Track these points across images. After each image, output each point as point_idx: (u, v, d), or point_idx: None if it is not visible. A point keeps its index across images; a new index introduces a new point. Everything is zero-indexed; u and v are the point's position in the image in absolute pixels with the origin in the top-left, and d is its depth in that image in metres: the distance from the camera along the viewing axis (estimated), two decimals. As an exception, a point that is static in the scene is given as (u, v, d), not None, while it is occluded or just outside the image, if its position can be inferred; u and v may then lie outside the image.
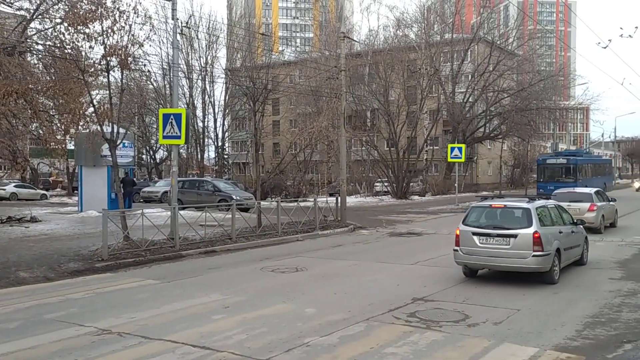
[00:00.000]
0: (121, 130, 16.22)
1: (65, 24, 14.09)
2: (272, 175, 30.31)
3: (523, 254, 10.02)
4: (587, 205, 18.18)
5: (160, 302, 8.97)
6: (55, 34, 14.84)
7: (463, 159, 32.58)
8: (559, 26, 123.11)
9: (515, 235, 10.15)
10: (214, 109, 48.76)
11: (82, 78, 14.42)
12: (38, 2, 15.64)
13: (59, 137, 17.10)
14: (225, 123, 51.41)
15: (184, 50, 42.44)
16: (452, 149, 31.38)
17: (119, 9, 13.98)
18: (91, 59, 14.73)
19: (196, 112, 47.05)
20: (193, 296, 9.45)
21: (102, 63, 14.60)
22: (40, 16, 15.85)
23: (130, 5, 14.14)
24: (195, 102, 47.28)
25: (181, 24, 17.43)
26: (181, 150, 41.31)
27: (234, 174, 56.67)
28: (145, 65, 19.99)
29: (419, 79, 41.04)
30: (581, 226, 12.51)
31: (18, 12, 17.56)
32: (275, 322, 7.65)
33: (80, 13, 13.73)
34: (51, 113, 16.70)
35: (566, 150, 49.09)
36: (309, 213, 19.89)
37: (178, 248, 14.44)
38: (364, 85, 43.09)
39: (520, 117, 43.05)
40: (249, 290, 9.90)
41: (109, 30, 14.02)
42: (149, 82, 42.61)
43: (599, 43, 65.21)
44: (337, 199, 22.42)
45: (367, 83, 43.09)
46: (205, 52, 46.14)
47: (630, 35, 27.80)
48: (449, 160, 33.60)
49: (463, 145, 33.15)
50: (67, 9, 14.51)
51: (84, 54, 14.63)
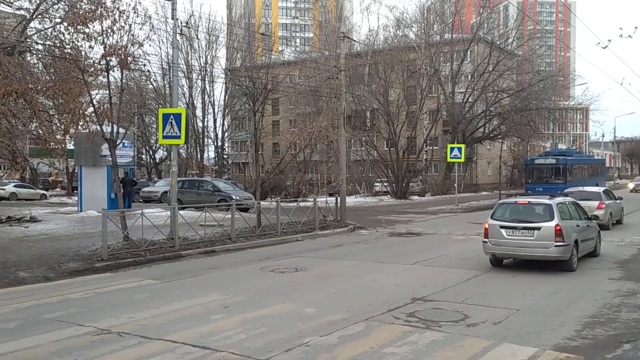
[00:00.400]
0: (121, 130, 16.23)
1: (65, 24, 14.11)
2: (272, 175, 30.31)
3: (546, 245, 11.14)
4: (596, 203, 19.03)
5: (159, 302, 8.97)
6: (55, 33, 14.85)
7: (462, 159, 32.59)
8: (558, 26, 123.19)
9: (539, 228, 11.27)
10: (213, 109, 48.86)
11: (82, 78, 14.42)
12: (38, 2, 15.64)
13: (58, 137, 17.10)
14: (225, 123, 51.44)
15: (183, 50, 42.47)
16: (452, 149, 31.38)
17: (118, 9, 14.00)
18: (91, 59, 14.76)
19: (196, 112, 47.09)
20: (193, 296, 9.46)
21: (102, 63, 14.61)
22: (40, 16, 15.86)
23: (130, 5, 14.18)
24: (195, 102, 47.31)
25: (181, 23, 17.43)
26: (181, 150, 41.34)
27: (234, 174, 56.68)
28: (145, 65, 19.99)
29: (419, 79, 41.04)
30: (594, 221, 13.56)
31: (18, 12, 17.58)
32: (275, 322, 7.66)
33: (80, 13, 13.75)
34: (51, 113, 16.70)
35: (556, 149, 46.72)
36: (308, 213, 19.89)
37: (178, 248, 14.45)
38: (363, 85, 43.10)
39: (519, 117, 43.04)
40: (249, 290, 9.91)
41: (109, 30, 14.04)
42: (148, 82, 42.59)
43: (599, 43, 65.18)
44: (337, 199, 22.41)
45: (367, 83, 43.10)
46: (205, 52, 46.23)
47: (629, 36, 27.79)
48: (449, 160, 33.60)
49: (462, 146, 33.16)
50: (67, 9, 14.53)
51: (83, 53, 14.65)
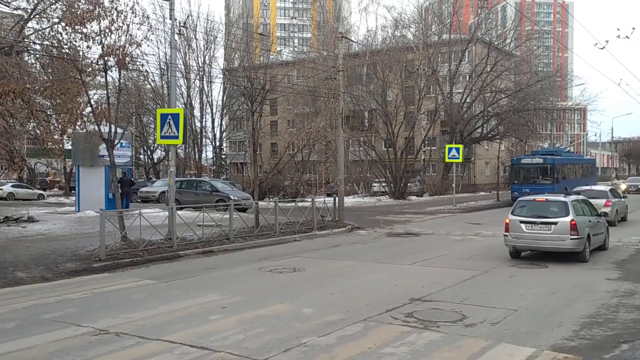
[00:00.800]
0: (119, 130, 16.19)
1: (63, 24, 14.07)
2: (270, 176, 30.30)
3: (562, 237, 12.38)
4: (604, 201, 20.22)
5: (157, 302, 8.96)
6: (53, 33, 14.81)
7: (460, 160, 32.62)
8: (556, 27, 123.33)
9: (556, 223, 12.53)
10: (211, 109, 48.82)
11: (80, 78, 14.39)
12: (35, 2, 15.60)
13: (56, 137, 17.06)
14: (223, 123, 51.41)
15: (181, 50, 42.39)
16: (450, 149, 31.38)
17: (116, 9, 13.97)
18: (89, 59, 14.73)
19: (194, 112, 47.04)
20: (191, 296, 9.45)
21: (100, 63, 14.59)
22: (37, 16, 15.82)
23: (127, 5, 14.15)
24: (193, 102, 47.27)
25: (179, 23, 17.38)
26: (179, 150, 41.26)
27: (232, 174, 56.65)
28: (142, 65, 20.04)
29: (417, 80, 41.04)
30: (603, 217, 14.75)
31: (15, 12, 17.54)
32: (273, 322, 7.65)
33: (78, 13, 13.71)
34: (48, 113, 16.66)
35: (544, 149, 44.71)
36: (306, 213, 19.89)
37: (176, 248, 14.43)
38: (361, 85, 43.12)
39: (517, 118, 43.07)
40: (247, 291, 9.91)
41: (107, 30, 14.02)
42: (146, 82, 42.70)
43: (596, 44, 65.12)
44: (335, 199, 22.42)
45: (365, 83, 43.12)
46: (203, 52, 46.16)
47: (627, 36, 27.89)
48: (447, 160, 33.60)
49: (460, 146, 33.19)
50: (65, 9, 14.49)
51: (81, 53, 14.61)
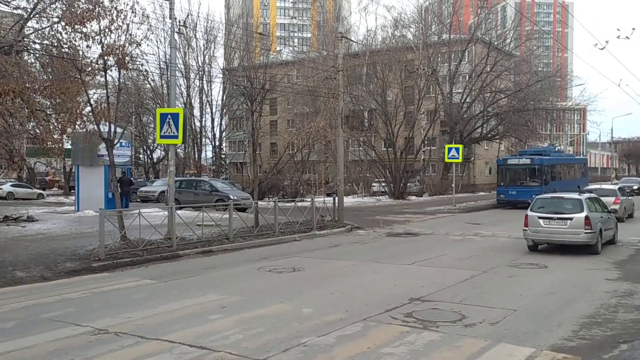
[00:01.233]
0: (118, 130, 16.17)
1: (63, 23, 14.05)
2: (270, 175, 30.25)
3: (577, 232, 13.59)
4: (613, 199, 21.84)
5: (157, 302, 8.96)
6: (53, 33, 14.78)
7: (460, 160, 32.62)
8: (556, 27, 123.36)
9: (571, 218, 13.73)
10: (211, 109, 48.81)
11: (80, 77, 14.37)
12: (35, 1, 15.57)
13: (55, 137, 17.03)
14: (223, 123, 51.39)
15: (181, 50, 42.37)
16: (450, 149, 31.38)
17: (116, 8, 13.95)
18: (88, 59, 14.70)
19: (194, 112, 47.03)
20: (190, 296, 9.45)
21: (100, 62, 14.57)
22: (37, 15, 15.78)
23: (127, 4, 14.14)
24: (192, 102, 47.25)
25: (179, 23, 17.36)
26: (178, 150, 41.24)
27: (232, 173, 56.66)
28: (142, 64, 20.00)
29: (417, 80, 41.04)
30: (613, 214, 16.06)
31: (15, 11, 17.51)
32: (273, 322, 7.65)
33: (78, 12, 13.68)
34: (48, 112, 16.63)
35: (532, 148, 42.49)
36: (306, 213, 19.89)
37: (175, 248, 14.43)
38: (361, 85, 43.09)
39: (517, 118, 43.07)
40: (246, 290, 9.91)
41: (107, 30, 14.00)
42: (146, 82, 42.70)
43: (596, 44, 65.36)
44: (335, 199, 22.42)
45: (365, 83, 43.10)
46: (203, 52, 46.16)
47: (627, 37, 28.01)
48: (446, 160, 33.61)
49: (460, 146, 33.20)
50: (65, 8, 14.46)
51: (81, 53, 14.59)
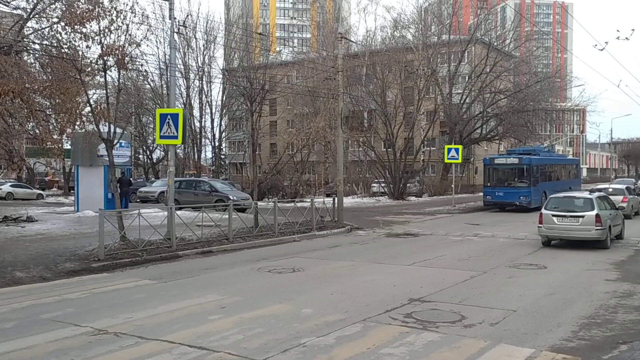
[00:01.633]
0: (118, 130, 16.17)
1: (62, 24, 14.03)
2: (269, 176, 30.23)
3: (588, 228, 14.71)
4: (621, 197, 23.41)
5: (156, 303, 8.95)
6: (52, 33, 14.76)
7: (460, 160, 32.64)
8: (555, 28, 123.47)
9: (583, 216, 14.84)
10: (211, 109, 48.75)
11: (79, 78, 14.37)
12: (35, 2, 15.56)
13: (55, 137, 17.01)
14: (223, 123, 51.35)
15: (181, 50, 42.30)
16: (449, 150, 31.41)
17: (116, 9, 13.94)
18: (88, 59, 14.69)
19: (193, 112, 46.96)
20: (190, 296, 9.44)
21: (99, 63, 14.56)
22: (37, 15, 15.77)
23: (127, 5, 14.12)
24: (192, 102, 47.19)
25: (178, 23, 17.35)
26: (178, 151, 41.18)
27: (231, 174, 56.65)
28: (142, 65, 20.01)
29: (416, 80, 41.06)
30: (620, 211, 17.36)
31: (15, 12, 17.50)
32: (272, 323, 7.65)
33: (77, 12, 13.67)
34: (48, 112, 16.61)
35: (521, 147, 40.65)
36: (306, 213, 19.88)
37: (175, 248, 14.43)
38: (361, 86, 43.10)
39: (516, 119, 43.11)
40: (246, 291, 9.90)
41: (106, 30, 13.99)
42: (146, 82, 42.65)
43: (596, 45, 65.18)
44: (334, 199, 22.42)
45: (365, 84, 43.11)
46: (203, 52, 46.07)
47: (627, 38, 28.00)
48: (446, 161, 33.63)
49: (460, 147, 33.23)
50: (64, 9, 14.45)
51: (80, 53, 14.58)
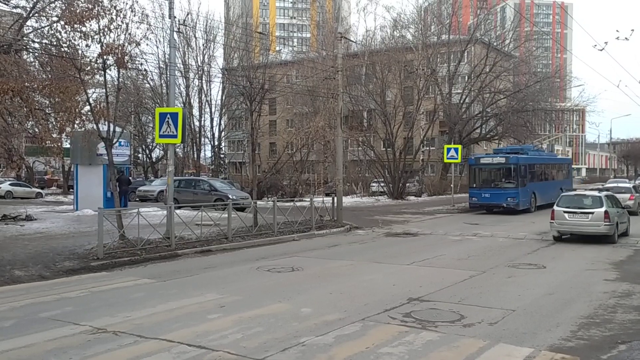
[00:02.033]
0: (117, 129, 16.17)
1: (62, 22, 14.02)
2: (269, 175, 30.22)
3: (598, 224, 15.83)
4: (628, 195, 25.72)
5: (155, 301, 8.95)
6: (52, 32, 14.76)
7: (459, 160, 32.62)
8: (555, 28, 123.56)
9: (592, 212, 15.95)
10: (210, 108, 48.79)
11: (79, 76, 14.36)
12: (34, 0, 15.55)
13: (54, 136, 17.01)
14: (222, 122, 51.37)
15: (181, 49, 42.32)
16: (448, 149, 31.39)
17: (115, 8, 13.92)
18: (88, 58, 14.69)
19: (193, 111, 46.99)
20: (189, 295, 9.44)
21: (99, 62, 14.55)
22: (36, 14, 15.76)
23: (127, 3, 14.10)
24: (192, 101, 47.23)
25: (178, 22, 17.35)
26: (177, 150, 41.20)
27: (231, 173, 56.65)
28: (141, 64, 19.96)
29: (416, 80, 41.05)
30: (627, 209, 18.78)
31: (14, 10, 17.49)
32: (271, 322, 7.65)
33: (77, 11, 13.65)
34: (47, 111, 16.60)
35: (508, 146, 39.01)
36: (305, 213, 19.88)
37: (174, 247, 14.43)
38: (360, 85, 43.09)
39: (516, 119, 43.09)
40: (245, 290, 9.90)
41: (106, 29, 13.98)
42: (145, 81, 42.61)
43: (595, 45, 65.20)
44: (334, 199, 22.42)
45: (364, 83, 43.11)
46: (202, 51, 46.12)
47: (626, 38, 28.06)
48: (445, 161, 33.62)
49: (459, 146, 33.22)
50: (64, 7, 14.44)
51: (80, 52, 14.58)
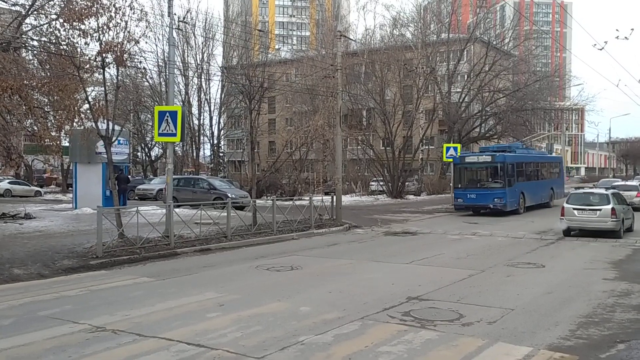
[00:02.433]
0: (116, 128, 16.17)
1: (61, 20, 14.00)
2: (268, 174, 30.22)
3: (605, 220, 16.78)
4: (635, 193, 27.18)
5: (154, 300, 8.95)
6: (51, 30, 14.73)
7: (458, 159, 32.53)
8: (554, 27, 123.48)
9: (600, 209, 16.92)
10: (209, 107, 48.73)
11: (78, 74, 14.34)
12: (33, -2, 15.54)
13: (53, 134, 17.01)
14: (221, 121, 51.33)
15: (180, 47, 42.29)
16: (448, 148, 31.35)
17: (114, 5, 13.87)
18: (86, 56, 14.66)
19: (192, 110, 46.93)
20: (188, 294, 9.44)
21: (98, 60, 14.51)
22: (35, 12, 15.73)
23: (126, 1, 14.07)
24: (191, 100, 47.16)
25: (177, 20, 17.33)
26: (176, 148, 41.19)
27: (230, 172, 56.63)
28: (140, 62, 19.93)
29: (415, 79, 41.04)
30: (630, 207, 19.38)
31: (13, 8, 17.45)
32: (270, 321, 7.65)
33: (76, 9, 13.62)
34: (46, 109, 16.59)
35: (495, 145, 37.77)
36: (304, 212, 19.88)
37: (173, 246, 14.42)
38: (360, 84, 43.05)
39: (515, 118, 43.10)
40: (244, 289, 9.90)
41: (105, 27, 13.93)
42: (144, 79, 42.53)
43: (595, 45, 65.19)
44: (333, 197, 22.41)
45: (363, 82, 43.06)
46: (202, 49, 46.09)
47: (626, 37, 28.00)
48: (445, 160, 33.58)
49: (458, 145, 33.18)
50: (63, 5, 14.41)
51: (79, 50, 14.55)
